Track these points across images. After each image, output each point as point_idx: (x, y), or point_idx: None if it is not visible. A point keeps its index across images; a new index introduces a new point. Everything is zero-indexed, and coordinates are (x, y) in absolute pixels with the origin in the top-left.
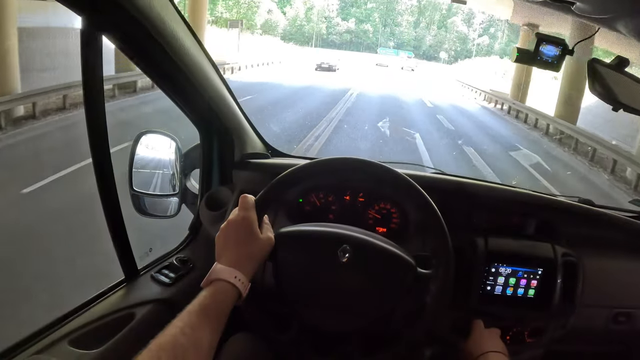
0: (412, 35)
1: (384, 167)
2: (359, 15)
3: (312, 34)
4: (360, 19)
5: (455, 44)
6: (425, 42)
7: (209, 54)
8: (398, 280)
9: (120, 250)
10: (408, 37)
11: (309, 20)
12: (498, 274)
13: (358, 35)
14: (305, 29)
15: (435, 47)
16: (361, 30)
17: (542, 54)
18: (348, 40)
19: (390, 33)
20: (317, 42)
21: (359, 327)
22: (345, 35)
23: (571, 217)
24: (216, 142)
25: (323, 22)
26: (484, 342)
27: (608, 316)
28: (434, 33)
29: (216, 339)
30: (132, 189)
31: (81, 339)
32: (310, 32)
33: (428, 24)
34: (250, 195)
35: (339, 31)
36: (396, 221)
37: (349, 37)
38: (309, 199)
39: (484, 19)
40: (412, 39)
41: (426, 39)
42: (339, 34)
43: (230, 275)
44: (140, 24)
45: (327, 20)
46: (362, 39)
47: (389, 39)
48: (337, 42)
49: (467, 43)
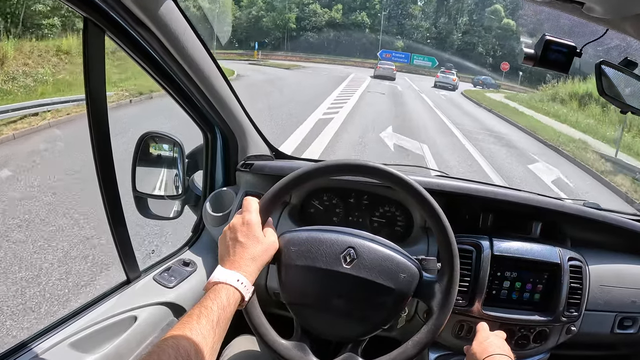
0: (432, 32)
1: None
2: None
3: (273, 28)
4: (352, 5)
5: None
6: (451, 43)
7: (214, 57)
8: (403, 285)
9: (122, 251)
10: (422, 35)
11: (271, 8)
12: (504, 278)
13: (348, 29)
14: (263, 23)
15: (468, 51)
16: (353, 23)
17: (550, 56)
18: (332, 39)
19: (398, 28)
20: (282, 43)
21: (363, 333)
22: (327, 31)
23: (577, 220)
24: (220, 143)
25: (292, 11)
26: (490, 344)
27: (613, 321)
28: (465, 28)
29: (219, 342)
30: (135, 190)
31: (82, 341)
32: (271, 27)
33: (453, 14)
34: (253, 198)
35: (317, 24)
36: (400, 224)
37: (333, 33)
38: (312, 201)
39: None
40: (432, 38)
41: (451, 39)
42: (317, 28)
43: (233, 278)
44: (144, 26)
45: (299, 7)
46: (353, 36)
47: (396, 37)
48: (313, 41)
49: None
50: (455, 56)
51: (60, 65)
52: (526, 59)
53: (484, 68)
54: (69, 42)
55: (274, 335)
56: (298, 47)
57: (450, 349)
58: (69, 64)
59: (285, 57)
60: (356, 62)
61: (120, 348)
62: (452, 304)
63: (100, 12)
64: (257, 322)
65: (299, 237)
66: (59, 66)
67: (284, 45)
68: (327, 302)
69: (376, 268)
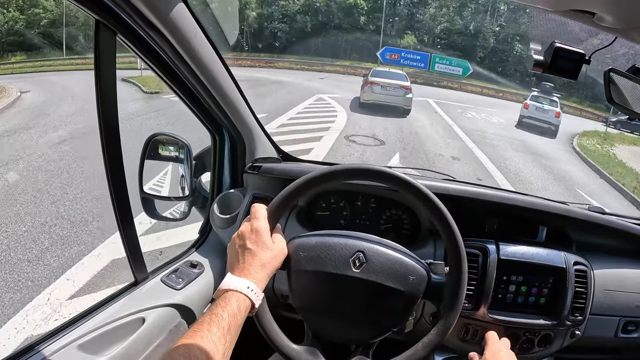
0: (456, 26)
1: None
2: None
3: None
4: None
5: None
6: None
7: (224, 59)
8: (412, 287)
9: (130, 253)
10: (443, 28)
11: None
12: (510, 282)
13: (330, 20)
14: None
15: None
16: (342, 8)
17: (560, 63)
18: (308, 36)
19: (408, 19)
20: (240, 41)
21: (373, 336)
22: (300, 24)
23: (582, 224)
24: (228, 145)
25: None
26: (503, 358)
27: (617, 325)
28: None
29: (230, 349)
30: (142, 191)
31: (90, 343)
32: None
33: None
34: (261, 205)
35: (288, 12)
36: (407, 227)
37: (309, 25)
38: (320, 203)
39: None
40: (457, 33)
41: (484, 34)
42: (288, 17)
43: (243, 286)
44: (156, 28)
45: None
46: (343, 30)
47: (405, 30)
48: (281, 38)
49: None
50: (487, 62)
51: None
52: (535, 65)
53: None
54: None
55: (285, 340)
56: (254, 49)
57: (455, 352)
58: None
59: (238, 62)
60: (342, 67)
61: (129, 350)
62: (461, 304)
63: (112, 15)
64: (268, 327)
65: (308, 243)
66: None
67: (245, 43)
68: (337, 307)
69: (385, 271)
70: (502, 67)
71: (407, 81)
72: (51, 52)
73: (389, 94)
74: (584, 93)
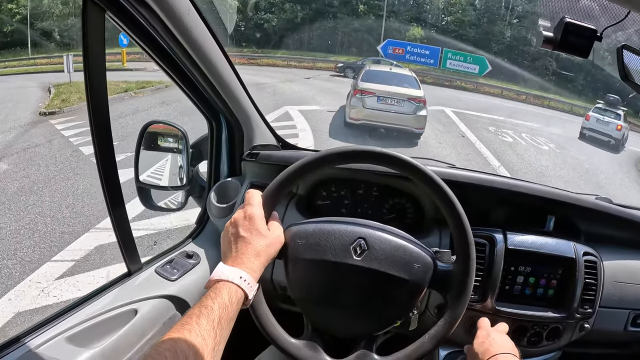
0: (468, 15)
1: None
2: None
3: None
4: None
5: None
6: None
7: (222, 44)
8: (418, 275)
9: (123, 243)
10: (455, 20)
11: None
12: (518, 273)
13: (324, 8)
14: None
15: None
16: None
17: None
18: (299, 27)
19: (415, 9)
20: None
21: (376, 328)
22: (289, 14)
23: (590, 214)
24: (225, 132)
25: None
26: (492, 343)
27: (627, 318)
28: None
29: (221, 343)
30: (138, 181)
31: (79, 335)
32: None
33: None
34: (256, 190)
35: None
36: (410, 216)
37: (299, 14)
38: (321, 192)
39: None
40: (471, 25)
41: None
42: (277, 8)
43: (235, 276)
44: (146, 5)
45: None
46: (338, 20)
47: (411, 21)
48: (267, 30)
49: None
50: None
51: None
52: (545, 42)
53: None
54: None
55: (283, 334)
56: (249, 41)
57: (460, 346)
58: None
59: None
60: (337, 64)
61: (120, 342)
62: (469, 294)
63: None
64: (265, 320)
65: (305, 230)
66: None
67: (227, 38)
68: (338, 297)
69: (388, 259)
70: (529, 63)
71: (419, 88)
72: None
73: (392, 109)
74: None
